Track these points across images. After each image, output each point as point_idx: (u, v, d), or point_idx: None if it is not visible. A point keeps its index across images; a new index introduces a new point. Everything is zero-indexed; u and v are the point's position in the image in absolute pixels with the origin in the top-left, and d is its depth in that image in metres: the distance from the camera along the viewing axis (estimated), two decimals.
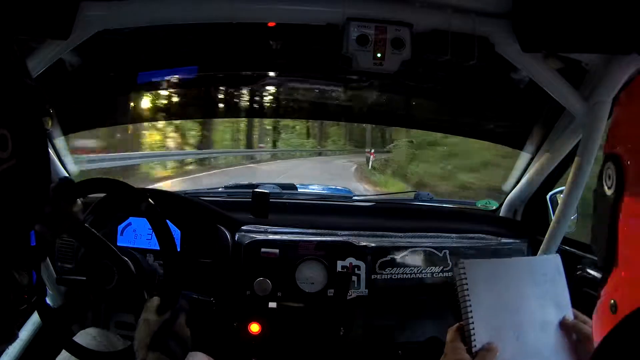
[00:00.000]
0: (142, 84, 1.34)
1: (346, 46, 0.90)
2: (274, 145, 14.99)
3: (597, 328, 0.41)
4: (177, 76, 1.32)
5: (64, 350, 0.95)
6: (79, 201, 0.93)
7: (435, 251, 1.23)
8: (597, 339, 0.40)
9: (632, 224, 0.37)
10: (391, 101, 1.62)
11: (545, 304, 0.65)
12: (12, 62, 0.37)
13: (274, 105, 1.65)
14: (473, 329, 0.61)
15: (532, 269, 0.67)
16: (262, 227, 1.23)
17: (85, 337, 1.00)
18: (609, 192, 0.39)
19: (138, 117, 1.87)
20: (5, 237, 0.37)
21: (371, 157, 11.39)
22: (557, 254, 0.70)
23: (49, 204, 0.83)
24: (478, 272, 0.63)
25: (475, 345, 0.61)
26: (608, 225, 0.38)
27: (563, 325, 0.64)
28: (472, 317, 0.61)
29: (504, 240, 1.32)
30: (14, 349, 1.14)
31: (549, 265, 0.67)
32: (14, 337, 0.46)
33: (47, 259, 1.14)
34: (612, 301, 0.38)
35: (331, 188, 2.28)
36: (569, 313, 0.65)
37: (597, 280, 1.08)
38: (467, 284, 0.62)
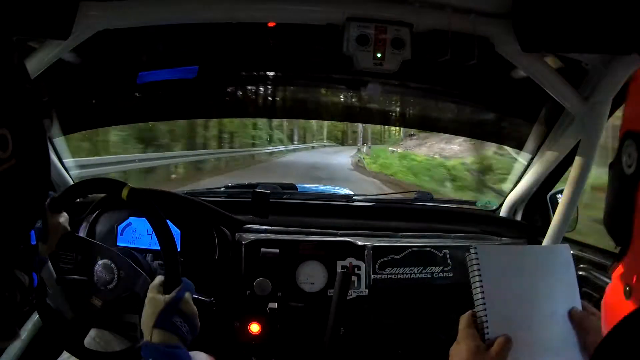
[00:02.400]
0: (142, 84, 1.34)
1: (346, 46, 0.90)
2: None
3: (607, 314, 0.40)
4: (177, 76, 1.32)
5: (64, 352, 0.95)
6: (64, 213, 0.94)
7: (435, 251, 1.23)
8: (607, 325, 0.39)
9: None
10: (391, 101, 1.62)
11: (555, 293, 0.64)
12: (12, 63, 0.37)
13: (274, 105, 1.65)
14: (486, 315, 0.60)
15: (543, 257, 0.66)
16: (262, 227, 1.23)
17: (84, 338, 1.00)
18: (628, 170, 0.37)
19: (138, 117, 1.87)
20: (6, 236, 0.37)
21: None
22: (567, 245, 0.70)
23: (39, 219, 0.84)
24: (490, 258, 0.63)
25: (487, 333, 0.60)
26: (625, 205, 0.36)
27: (572, 316, 0.63)
28: (484, 305, 0.61)
29: (504, 240, 1.32)
30: (14, 349, 1.14)
31: (560, 255, 0.67)
32: (15, 335, 0.47)
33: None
34: (627, 287, 0.36)
35: (331, 188, 2.28)
36: (578, 304, 0.65)
37: (597, 281, 1.09)
38: (479, 270, 0.62)
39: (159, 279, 0.83)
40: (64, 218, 0.95)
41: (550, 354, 0.62)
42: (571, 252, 1.12)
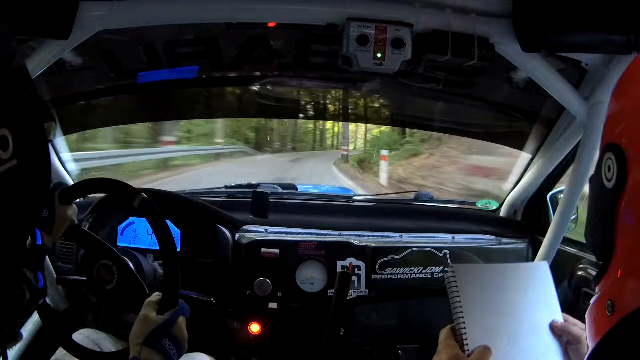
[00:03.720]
0: (142, 84, 1.34)
1: (346, 46, 0.90)
2: None
3: (591, 329, 0.39)
4: (177, 76, 1.32)
5: (59, 349, 0.95)
6: (74, 205, 0.94)
7: (435, 251, 1.23)
8: (591, 341, 0.39)
9: (633, 218, 0.34)
10: (391, 101, 1.62)
11: (535, 307, 0.66)
12: (12, 64, 0.37)
13: (274, 105, 1.65)
14: (464, 329, 0.62)
15: (521, 275, 0.68)
16: (262, 227, 1.23)
17: (77, 337, 1.00)
18: (608, 184, 0.36)
19: (138, 118, 1.88)
20: (8, 236, 0.37)
21: None
22: (545, 262, 0.71)
23: (46, 209, 0.84)
24: (467, 276, 0.65)
25: (467, 344, 0.61)
26: (606, 219, 0.36)
27: (553, 327, 0.65)
28: (463, 319, 0.62)
29: (504, 240, 1.32)
30: (14, 348, 1.14)
31: (538, 272, 0.69)
32: (18, 337, 0.47)
33: (47, 259, 1.14)
34: (609, 302, 0.36)
35: (331, 188, 2.28)
36: (559, 316, 0.66)
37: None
38: (456, 287, 0.63)
39: (155, 296, 0.82)
40: (72, 210, 0.93)
41: None
42: (572, 250, 1.13)
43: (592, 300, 0.40)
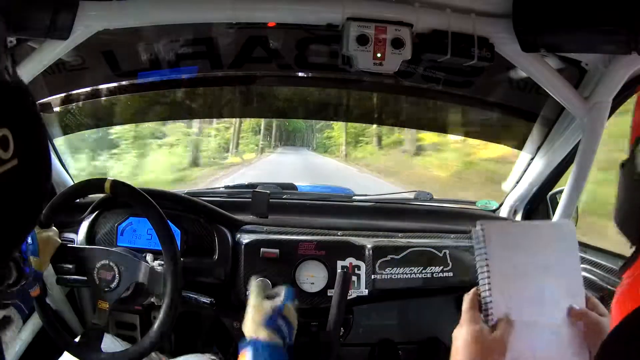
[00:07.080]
0: (142, 84, 1.34)
1: (346, 46, 0.90)
2: None
3: (619, 312, 0.40)
4: (177, 76, 1.32)
5: (65, 353, 0.95)
6: (54, 227, 0.95)
7: (435, 251, 1.23)
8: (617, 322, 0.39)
9: None
10: (390, 101, 1.62)
11: (559, 272, 0.63)
12: (11, 63, 0.37)
13: (274, 105, 1.65)
14: (490, 296, 0.60)
15: (547, 234, 0.65)
16: (262, 227, 1.23)
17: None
18: None
19: (138, 118, 1.87)
20: (9, 235, 0.37)
21: None
22: (571, 220, 0.69)
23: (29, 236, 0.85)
24: (496, 235, 0.62)
25: (492, 313, 0.60)
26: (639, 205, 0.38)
27: (572, 314, 0.63)
28: (489, 285, 0.60)
29: None
30: (15, 349, 1.14)
31: (564, 230, 0.66)
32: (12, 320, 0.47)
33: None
34: None
35: (331, 188, 2.28)
36: (580, 284, 0.64)
37: (597, 282, 1.09)
38: (485, 248, 0.61)
39: (260, 284, 0.88)
40: (53, 232, 0.96)
41: (552, 335, 0.62)
42: None
43: (620, 288, 0.40)
